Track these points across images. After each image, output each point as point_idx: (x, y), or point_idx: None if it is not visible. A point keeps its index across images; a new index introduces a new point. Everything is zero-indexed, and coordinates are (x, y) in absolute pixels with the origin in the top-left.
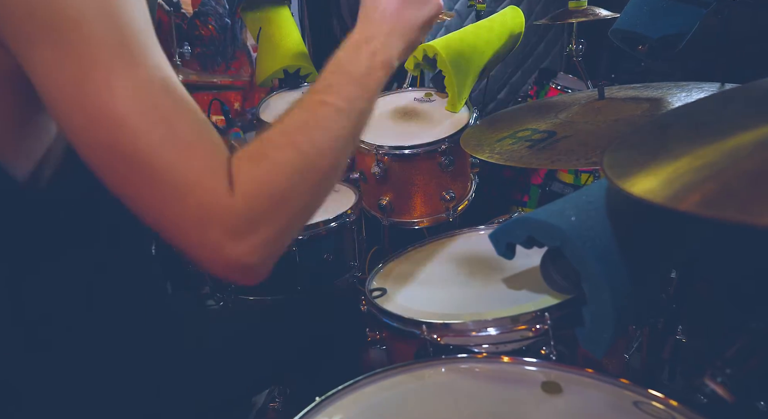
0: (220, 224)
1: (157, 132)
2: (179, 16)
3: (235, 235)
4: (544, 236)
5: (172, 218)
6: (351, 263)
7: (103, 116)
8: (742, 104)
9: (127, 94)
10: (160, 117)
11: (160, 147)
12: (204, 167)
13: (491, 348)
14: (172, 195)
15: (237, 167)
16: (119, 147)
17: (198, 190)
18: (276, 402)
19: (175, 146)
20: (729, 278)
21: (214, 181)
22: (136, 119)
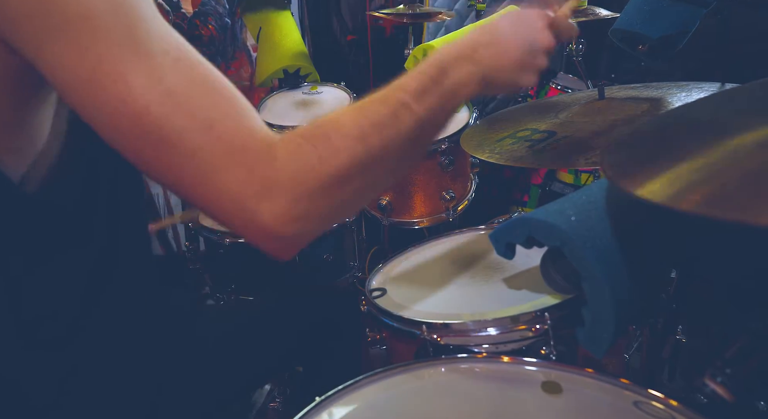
0: (255, 196)
1: (178, 118)
2: (179, 16)
3: (271, 204)
4: (544, 236)
5: (207, 194)
6: (351, 263)
7: (122, 108)
8: (742, 104)
9: (142, 84)
10: (178, 103)
11: (184, 132)
12: (232, 144)
13: (491, 348)
14: (204, 175)
15: (292, 142)
16: (145, 137)
17: (228, 166)
18: (276, 401)
19: (199, 129)
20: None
21: (245, 156)
22: (155, 108)
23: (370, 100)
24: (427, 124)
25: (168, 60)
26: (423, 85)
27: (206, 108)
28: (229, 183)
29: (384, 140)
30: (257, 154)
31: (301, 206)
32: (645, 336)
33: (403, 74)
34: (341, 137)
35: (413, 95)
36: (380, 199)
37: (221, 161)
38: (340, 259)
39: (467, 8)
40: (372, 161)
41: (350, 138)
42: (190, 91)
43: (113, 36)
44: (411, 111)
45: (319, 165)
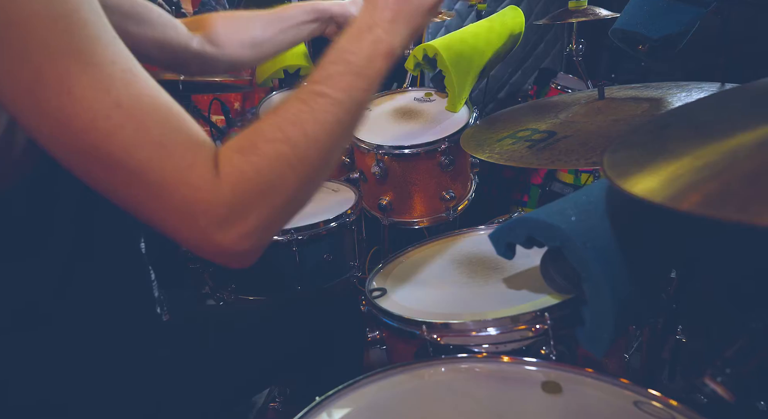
0: (204, 215)
1: (126, 132)
2: (179, 16)
3: (222, 224)
4: (544, 236)
5: (156, 212)
6: (351, 263)
7: (67, 121)
8: (742, 104)
9: (86, 96)
10: (126, 116)
11: (132, 147)
12: (180, 161)
13: (491, 348)
14: (152, 192)
15: (226, 158)
16: (90, 151)
17: (177, 185)
18: (276, 402)
19: (147, 144)
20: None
21: (192, 174)
22: (101, 122)
23: (286, 99)
24: (350, 105)
25: (116, 70)
26: (330, 70)
27: (156, 123)
28: (179, 202)
29: (307, 133)
30: (205, 172)
31: (250, 218)
32: (645, 336)
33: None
34: (266, 142)
35: (325, 83)
36: (380, 199)
37: (171, 179)
38: (340, 259)
39: (467, 8)
40: (302, 156)
41: (274, 141)
42: (139, 104)
43: (55, 45)
44: (328, 98)
45: (256, 174)
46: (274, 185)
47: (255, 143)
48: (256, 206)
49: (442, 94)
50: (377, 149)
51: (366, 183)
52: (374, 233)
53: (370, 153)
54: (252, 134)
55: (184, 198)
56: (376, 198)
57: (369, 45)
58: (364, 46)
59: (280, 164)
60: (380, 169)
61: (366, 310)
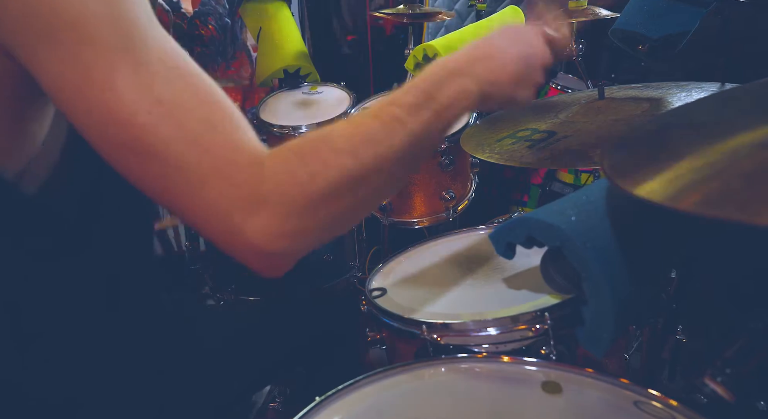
0: (241, 211)
1: (166, 128)
2: (179, 16)
3: (256, 220)
4: (544, 236)
5: (192, 208)
6: (351, 263)
7: (110, 116)
8: (742, 104)
9: (131, 92)
10: (167, 112)
11: (171, 142)
12: (219, 157)
13: (491, 348)
14: (189, 187)
15: (281, 156)
16: (131, 145)
17: (215, 181)
18: (276, 402)
19: (187, 140)
20: (729, 278)
21: (232, 170)
22: (143, 118)
23: (363, 114)
24: (421, 139)
25: (161, 69)
26: (417, 100)
27: (196, 120)
28: (215, 198)
29: (376, 155)
30: (245, 169)
31: (290, 223)
32: (645, 336)
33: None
34: (332, 152)
35: (407, 110)
36: None
37: (208, 175)
38: (340, 259)
39: (467, 8)
40: (364, 176)
41: (341, 153)
42: (180, 101)
43: (105, 42)
44: (404, 126)
45: (309, 181)
46: (326, 198)
47: (319, 149)
48: (299, 211)
49: None
50: None
51: None
52: (374, 233)
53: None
54: (319, 139)
55: (221, 194)
56: None
57: (457, 89)
58: (452, 88)
59: (340, 178)
60: None
61: (366, 310)
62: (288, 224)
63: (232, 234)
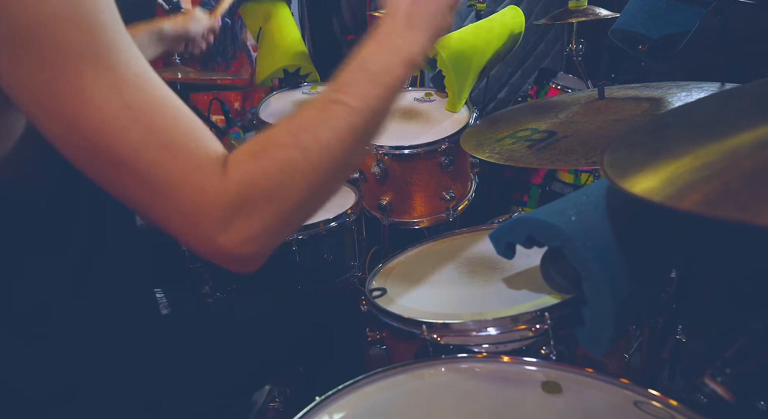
0: (209, 217)
1: (134, 133)
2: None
3: (225, 226)
4: (544, 235)
5: (162, 213)
6: (351, 263)
7: (78, 122)
8: (742, 104)
9: (100, 97)
10: (135, 118)
11: (140, 148)
12: (186, 163)
13: (491, 348)
14: (158, 193)
15: (237, 161)
16: (100, 151)
17: (182, 187)
18: (276, 402)
19: (155, 146)
20: (729, 278)
21: (197, 176)
22: (111, 124)
23: (301, 106)
24: (368, 112)
25: (129, 74)
26: (349, 78)
27: (164, 125)
28: (184, 203)
29: (320, 140)
30: (211, 174)
31: (256, 223)
32: (645, 336)
33: None
34: (276, 146)
35: (342, 90)
36: (380, 199)
37: (176, 181)
38: (340, 259)
39: (467, 8)
40: (314, 164)
41: (286, 147)
42: (148, 107)
43: (73, 47)
44: (345, 106)
45: (264, 180)
46: (281, 191)
47: (266, 148)
48: (262, 211)
49: (442, 94)
50: (377, 149)
51: (366, 183)
52: (374, 233)
53: (370, 153)
54: (264, 138)
55: (189, 200)
56: (376, 198)
57: (386, 53)
58: (381, 55)
59: (289, 169)
60: (380, 169)
61: (366, 310)
62: (255, 225)
63: (204, 240)
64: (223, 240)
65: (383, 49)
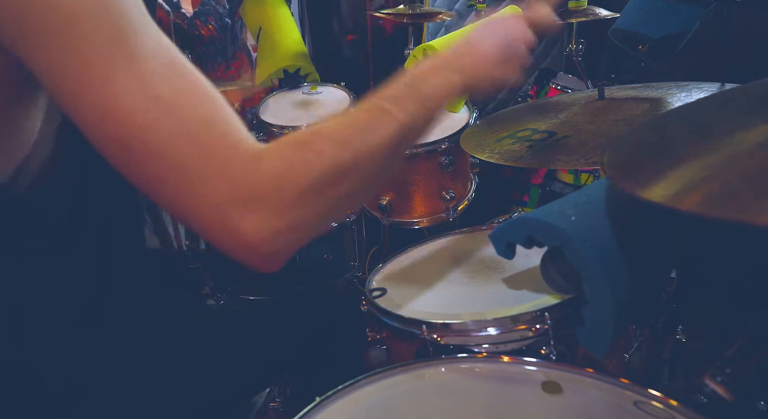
0: (239, 206)
1: (164, 124)
2: (179, 16)
3: (254, 215)
4: (544, 236)
5: (190, 205)
6: (351, 263)
7: (108, 113)
8: (742, 104)
9: (129, 89)
10: (164, 109)
11: (169, 138)
12: (217, 153)
13: (491, 347)
14: (188, 184)
15: (277, 149)
16: (129, 142)
17: (213, 177)
18: (276, 402)
19: (185, 136)
20: (729, 278)
21: (230, 166)
22: (140, 115)
23: (353, 109)
24: (408, 129)
25: (157, 65)
26: (401, 92)
27: (194, 117)
28: (213, 195)
29: (367, 145)
30: (242, 166)
31: (285, 218)
32: (645, 336)
33: None
34: (326, 142)
35: (392, 102)
36: (380, 199)
37: (206, 172)
38: (340, 259)
39: (467, 8)
40: (355, 166)
41: (335, 143)
42: (178, 98)
43: (102, 37)
44: (392, 117)
45: (306, 170)
46: (321, 187)
47: (314, 141)
48: (297, 203)
49: None
50: None
51: None
52: (374, 233)
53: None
54: (312, 130)
55: (219, 190)
56: (376, 198)
57: (440, 80)
58: (436, 80)
59: (334, 166)
60: None
61: (366, 310)
62: (284, 220)
63: (229, 233)
64: (248, 232)
65: (437, 78)
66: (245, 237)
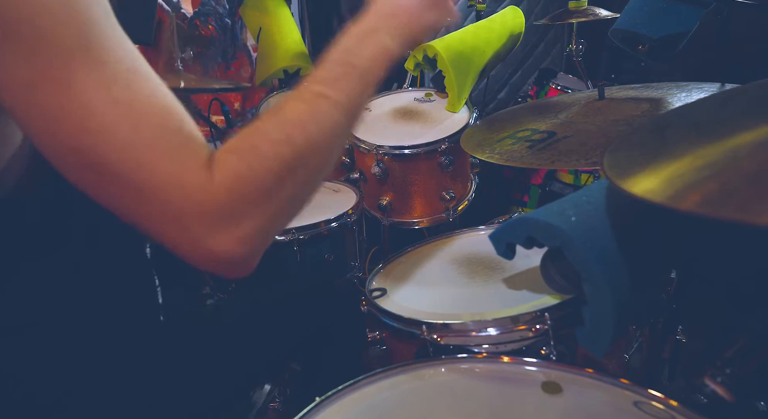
0: (198, 219)
1: (120, 132)
2: (179, 16)
3: (216, 228)
4: (544, 236)
5: (147, 217)
6: (351, 263)
7: (63, 118)
8: (742, 104)
9: (87, 93)
10: (122, 115)
11: (125, 148)
12: (175, 164)
13: (491, 348)
14: (144, 195)
15: (222, 160)
16: (83, 150)
17: (170, 188)
18: (276, 402)
19: (142, 146)
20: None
21: (187, 177)
22: (97, 121)
23: (286, 99)
24: (350, 108)
25: (120, 69)
26: (335, 72)
27: (152, 124)
28: (172, 207)
29: (309, 135)
30: (197, 175)
31: (246, 224)
32: (645, 336)
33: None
34: (267, 142)
35: (328, 84)
36: (380, 199)
37: (162, 183)
38: (341, 259)
39: (467, 8)
40: (302, 159)
41: (275, 142)
42: (137, 105)
43: (63, 40)
44: (330, 100)
45: (253, 177)
46: (271, 188)
47: (254, 144)
48: (253, 210)
49: (442, 95)
50: (377, 149)
51: (366, 183)
52: (374, 233)
53: (370, 153)
54: (251, 134)
55: (177, 203)
56: (377, 198)
57: (372, 49)
58: (368, 50)
59: (279, 165)
60: (380, 169)
61: (366, 310)
62: (243, 227)
63: (195, 245)
64: (214, 243)
65: (369, 47)
66: (208, 247)
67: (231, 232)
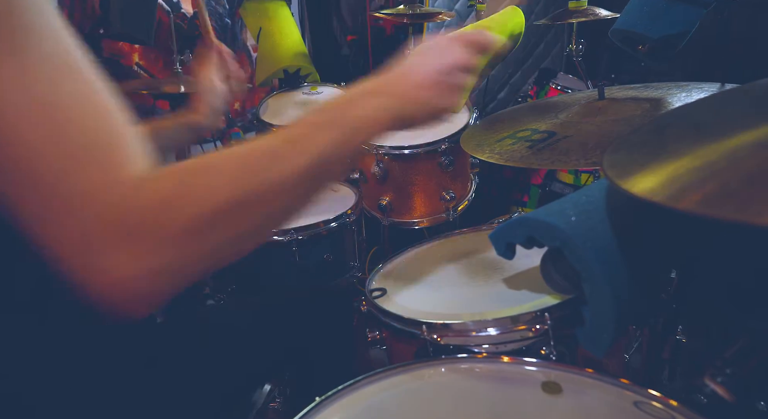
0: (103, 239)
1: (38, 133)
2: (179, 16)
3: (120, 252)
4: (544, 236)
5: (56, 231)
6: (351, 263)
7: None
8: (742, 104)
9: (6, 82)
10: (42, 112)
11: (40, 151)
12: (95, 175)
13: (491, 348)
14: (59, 206)
15: (158, 180)
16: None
17: (86, 201)
18: (276, 402)
19: (61, 151)
20: (729, 278)
21: (102, 193)
22: (12, 117)
23: (268, 136)
24: (326, 159)
25: (48, 68)
26: (325, 119)
27: (75, 129)
28: (75, 221)
29: (270, 177)
30: (119, 191)
31: (164, 255)
32: (645, 336)
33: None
34: (219, 174)
35: (314, 128)
36: (380, 199)
37: (72, 193)
38: (340, 259)
39: (467, 8)
40: (256, 201)
41: (231, 176)
42: (62, 106)
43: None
44: (307, 145)
45: (192, 201)
46: (213, 222)
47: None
48: (170, 242)
49: None
50: (377, 149)
51: (366, 183)
52: (374, 233)
53: (370, 153)
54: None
55: (83, 218)
56: (376, 198)
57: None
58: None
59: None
60: (380, 169)
61: (366, 310)
62: (162, 258)
63: (88, 269)
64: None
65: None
66: (108, 276)
67: (143, 258)
